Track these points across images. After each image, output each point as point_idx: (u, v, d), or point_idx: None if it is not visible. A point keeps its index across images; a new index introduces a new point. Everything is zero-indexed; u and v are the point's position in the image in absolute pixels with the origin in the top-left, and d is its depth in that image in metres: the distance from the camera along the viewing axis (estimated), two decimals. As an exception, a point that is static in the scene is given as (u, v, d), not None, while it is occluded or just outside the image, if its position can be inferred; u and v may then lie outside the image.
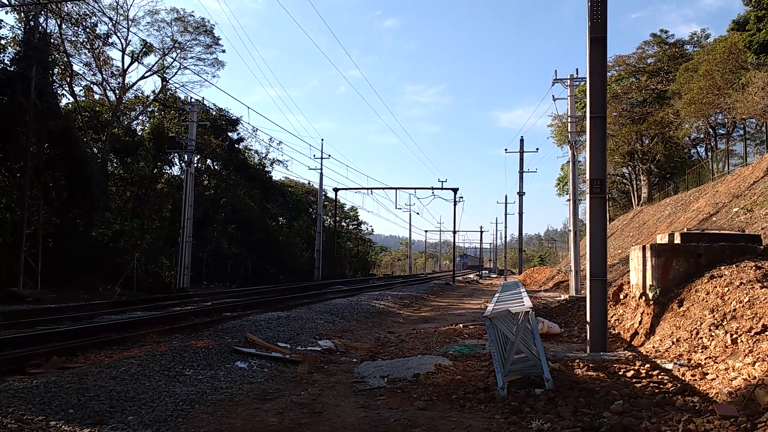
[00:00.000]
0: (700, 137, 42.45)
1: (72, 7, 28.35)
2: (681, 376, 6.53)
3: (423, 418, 5.60)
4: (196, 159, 32.03)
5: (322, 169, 41.94)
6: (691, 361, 7.05)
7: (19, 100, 20.68)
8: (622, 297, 11.37)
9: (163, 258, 29.82)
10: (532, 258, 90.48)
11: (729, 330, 7.05)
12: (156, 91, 36.85)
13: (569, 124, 22.84)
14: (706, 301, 8.01)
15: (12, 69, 21.70)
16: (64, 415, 5.42)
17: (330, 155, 51.59)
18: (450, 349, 9.45)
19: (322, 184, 42.80)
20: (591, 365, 7.40)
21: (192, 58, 36.80)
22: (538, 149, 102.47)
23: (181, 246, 27.16)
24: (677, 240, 9.96)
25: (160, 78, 35.54)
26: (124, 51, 33.38)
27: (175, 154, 31.71)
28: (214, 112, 35.66)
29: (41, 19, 22.94)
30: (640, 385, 6.36)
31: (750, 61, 27.31)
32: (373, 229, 71.33)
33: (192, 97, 30.75)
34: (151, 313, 15.06)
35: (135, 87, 35.52)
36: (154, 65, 35.20)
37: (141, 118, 36.14)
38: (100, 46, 31.78)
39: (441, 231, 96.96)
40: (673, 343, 7.90)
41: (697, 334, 7.53)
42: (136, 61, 33.44)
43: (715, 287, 8.12)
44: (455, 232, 42.70)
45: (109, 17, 31.76)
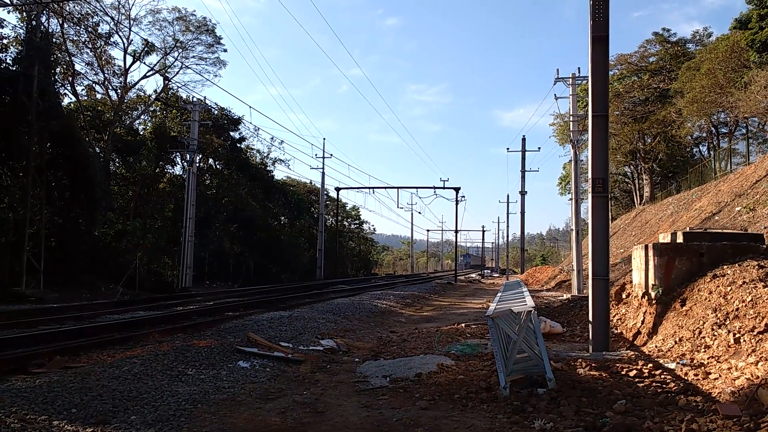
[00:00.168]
0: (702, 136, 42.32)
1: (74, 6, 28.43)
2: (684, 376, 6.52)
3: (425, 418, 5.60)
4: (198, 158, 32.06)
5: (324, 168, 42.06)
6: (694, 361, 7.04)
7: (21, 100, 20.71)
8: (624, 296, 11.35)
9: (166, 257, 29.89)
10: (534, 257, 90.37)
11: (732, 329, 7.04)
12: (158, 90, 36.97)
13: (571, 123, 22.78)
14: (709, 300, 7.99)
15: (14, 68, 21.75)
16: (67, 414, 5.43)
17: (332, 154, 51.71)
18: (452, 349, 9.45)
19: (323, 183, 42.90)
20: (593, 365, 7.39)
21: (194, 57, 36.87)
22: (540, 148, 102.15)
23: (184, 245, 27.18)
24: (680, 239, 9.94)
25: (162, 77, 35.65)
26: (125, 50, 33.51)
27: (177, 154, 31.72)
28: (216, 112, 35.73)
29: (43, 19, 23.00)
30: (642, 384, 6.35)
31: (752, 60, 27.25)
32: (375, 229, 71.31)
33: (194, 96, 30.82)
34: (154, 312, 15.10)
35: (137, 86, 35.69)
36: (155, 64, 35.26)
37: (143, 117, 36.22)
38: (102, 45, 31.86)
39: (443, 230, 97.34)
40: (675, 342, 7.89)
41: (700, 333, 7.51)
42: (138, 61, 33.49)
43: (718, 286, 8.10)
44: (457, 231, 42.69)
45: (110, 17, 31.90)
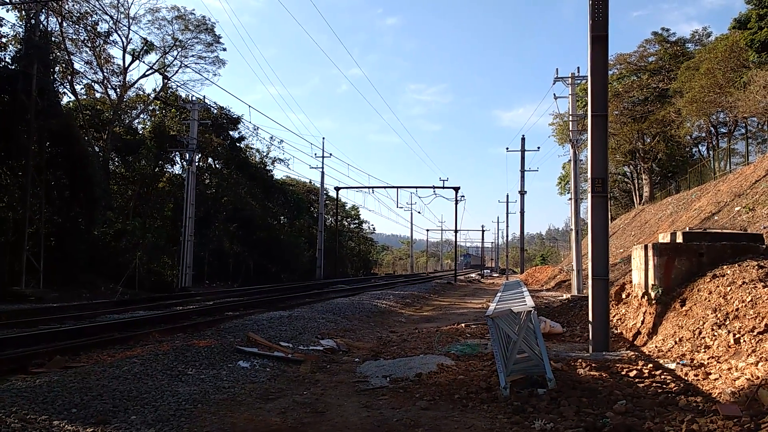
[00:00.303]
0: (701, 136, 42.36)
1: (73, 5, 28.44)
2: (684, 376, 6.52)
3: (425, 418, 5.60)
4: (198, 158, 32.08)
5: (323, 167, 42.05)
6: (694, 361, 7.05)
7: (20, 99, 20.67)
8: (624, 296, 11.35)
9: (165, 257, 29.88)
10: (533, 257, 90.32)
11: (732, 330, 7.04)
12: (157, 89, 36.97)
13: (571, 123, 22.78)
14: (709, 300, 7.99)
15: (13, 67, 21.71)
16: (67, 414, 5.42)
17: (331, 154, 51.75)
18: (452, 349, 9.45)
19: (323, 182, 42.88)
20: (593, 365, 7.39)
21: (193, 56, 36.85)
22: (539, 148, 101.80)
23: (183, 245, 27.16)
24: (679, 239, 9.94)
25: (161, 76, 35.60)
26: (125, 49, 33.47)
27: (177, 153, 31.72)
28: (215, 111, 35.70)
29: (42, 17, 22.95)
30: (642, 385, 6.35)
31: (751, 60, 27.28)
32: (374, 228, 71.35)
33: (193, 95, 30.83)
34: (153, 312, 15.10)
35: (136, 85, 35.61)
36: (155, 63, 35.24)
37: (142, 116, 36.19)
38: (101, 44, 31.84)
39: (443, 230, 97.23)
40: (675, 342, 7.89)
41: (700, 333, 7.52)
42: (137, 60, 33.45)
43: (718, 287, 8.10)
44: (457, 231, 42.70)
45: (110, 15, 31.89)
